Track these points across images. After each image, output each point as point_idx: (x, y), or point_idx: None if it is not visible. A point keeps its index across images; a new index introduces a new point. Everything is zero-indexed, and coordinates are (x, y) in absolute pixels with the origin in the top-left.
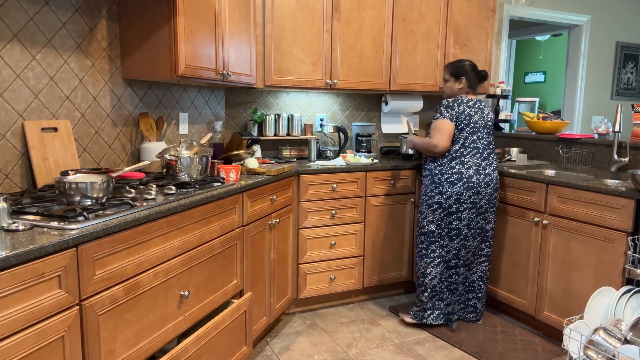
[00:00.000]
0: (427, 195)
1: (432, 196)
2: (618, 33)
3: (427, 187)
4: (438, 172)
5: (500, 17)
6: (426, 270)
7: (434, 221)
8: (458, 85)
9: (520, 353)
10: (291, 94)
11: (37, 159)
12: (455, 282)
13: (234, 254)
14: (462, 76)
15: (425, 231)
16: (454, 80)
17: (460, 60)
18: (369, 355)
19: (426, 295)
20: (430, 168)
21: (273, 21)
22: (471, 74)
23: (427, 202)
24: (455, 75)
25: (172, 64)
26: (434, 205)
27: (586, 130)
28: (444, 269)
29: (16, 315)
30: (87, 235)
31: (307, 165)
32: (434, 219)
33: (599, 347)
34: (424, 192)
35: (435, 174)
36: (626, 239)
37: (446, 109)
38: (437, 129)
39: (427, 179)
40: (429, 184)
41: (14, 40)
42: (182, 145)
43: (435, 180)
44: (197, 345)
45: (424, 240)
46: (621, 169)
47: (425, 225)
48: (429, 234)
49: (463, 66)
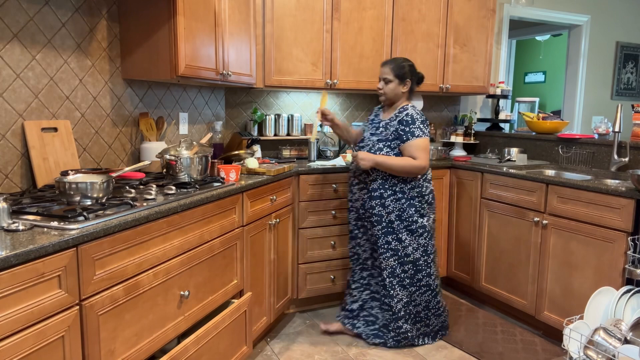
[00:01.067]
0: (407, 221)
1: (416, 220)
2: (618, 33)
3: (404, 211)
4: (417, 194)
5: (500, 17)
6: (411, 298)
7: (419, 247)
8: (403, 88)
9: (520, 353)
10: (291, 94)
11: (37, 159)
12: (443, 305)
13: (234, 254)
14: (407, 79)
15: (411, 259)
16: (399, 83)
17: (403, 60)
18: (369, 355)
19: (409, 326)
20: (403, 190)
21: (273, 21)
22: (414, 77)
23: (409, 229)
24: (401, 77)
25: (172, 64)
26: (419, 230)
27: (586, 130)
28: (431, 297)
29: (16, 315)
30: (87, 235)
31: (307, 165)
32: (420, 244)
33: (599, 347)
34: (398, 218)
35: (414, 196)
36: (626, 239)
37: (424, 124)
38: (421, 149)
39: (399, 203)
40: (407, 208)
41: (14, 40)
42: (182, 145)
43: (414, 203)
44: (197, 345)
45: (407, 269)
46: (621, 169)
47: (410, 253)
48: (415, 262)
49: (408, 67)
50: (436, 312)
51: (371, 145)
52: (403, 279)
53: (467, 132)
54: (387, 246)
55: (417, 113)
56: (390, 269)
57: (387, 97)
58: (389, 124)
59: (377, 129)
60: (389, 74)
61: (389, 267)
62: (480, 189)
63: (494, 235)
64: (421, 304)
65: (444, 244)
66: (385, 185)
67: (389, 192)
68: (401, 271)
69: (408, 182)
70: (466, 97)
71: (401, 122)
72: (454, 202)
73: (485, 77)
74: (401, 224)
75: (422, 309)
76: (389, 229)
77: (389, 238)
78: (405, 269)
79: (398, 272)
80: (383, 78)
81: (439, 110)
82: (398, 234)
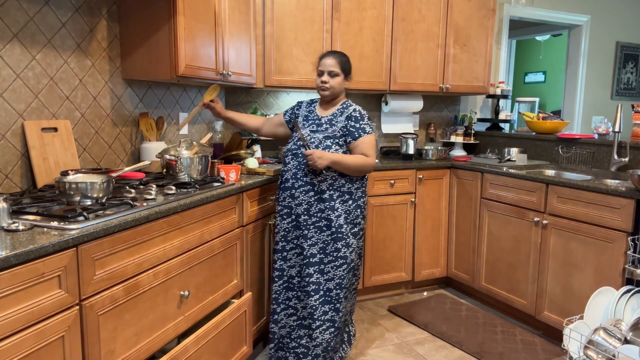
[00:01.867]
0: (353, 223)
1: (359, 222)
2: (618, 33)
3: (351, 213)
4: (362, 195)
5: (500, 17)
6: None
7: (358, 250)
8: (346, 83)
9: (520, 353)
10: (291, 94)
11: (37, 159)
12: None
13: (234, 254)
14: (349, 74)
15: (354, 266)
16: (344, 77)
17: (343, 53)
18: (369, 355)
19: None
20: (350, 191)
21: (273, 21)
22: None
23: (353, 231)
24: (346, 71)
25: (172, 64)
26: (359, 232)
27: (586, 130)
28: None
29: (16, 315)
30: (87, 235)
31: None
32: (359, 247)
33: (599, 347)
34: (345, 221)
35: (360, 196)
36: (626, 239)
37: (370, 120)
38: (372, 146)
39: (346, 204)
40: (353, 210)
41: (14, 40)
42: (182, 145)
43: (360, 204)
44: (197, 345)
45: (352, 277)
46: (621, 169)
47: (354, 259)
48: (356, 269)
49: (350, 62)
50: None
51: (317, 143)
52: (349, 290)
53: (467, 132)
54: (336, 254)
55: (363, 111)
56: (338, 279)
57: (331, 92)
58: (333, 120)
59: (319, 126)
60: (336, 66)
61: (337, 278)
62: (480, 189)
63: (494, 235)
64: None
65: (444, 243)
66: (335, 186)
67: (337, 194)
68: (347, 281)
69: (354, 182)
70: (466, 97)
71: (349, 117)
72: (454, 202)
73: (485, 77)
74: (348, 227)
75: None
76: (338, 234)
77: (338, 245)
78: (350, 277)
79: (345, 283)
80: (329, 71)
81: (439, 110)
82: (346, 238)
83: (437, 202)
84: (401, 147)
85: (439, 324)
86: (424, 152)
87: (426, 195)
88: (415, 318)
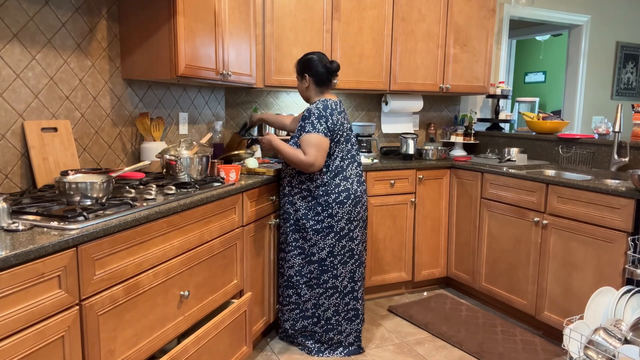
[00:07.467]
0: (314, 220)
1: (321, 220)
2: (618, 33)
3: (310, 210)
4: (323, 193)
5: (500, 17)
6: (319, 301)
7: (326, 247)
8: (304, 84)
9: (520, 353)
10: (291, 93)
11: (37, 159)
12: (354, 308)
13: (234, 254)
14: (305, 73)
15: (316, 259)
16: (300, 79)
17: (305, 54)
18: (369, 355)
19: (320, 331)
20: (309, 189)
21: (273, 21)
22: (318, 68)
23: (315, 228)
24: (300, 73)
25: (172, 63)
26: (324, 230)
27: (586, 130)
28: (339, 299)
29: (16, 315)
30: (87, 236)
31: None
32: (326, 245)
33: (599, 347)
34: (305, 217)
35: (320, 195)
36: (626, 239)
37: (319, 120)
38: (312, 145)
39: (305, 201)
40: (313, 207)
41: (14, 40)
42: (182, 145)
43: (321, 202)
44: (197, 345)
45: (314, 269)
46: (621, 169)
47: (315, 252)
48: (320, 263)
49: (307, 61)
50: (346, 316)
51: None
52: (310, 279)
53: (467, 132)
54: (295, 244)
55: (318, 108)
56: (297, 267)
57: (301, 96)
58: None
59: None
60: (294, 72)
61: (296, 265)
62: (480, 189)
63: (494, 235)
64: (330, 308)
65: (444, 243)
66: (293, 183)
67: (295, 190)
68: (307, 271)
69: (314, 181)
70: (466, 97)
71: (302, 117)
72: (454, 202)
73: (485, 77)
74: (307, 222)
75: (332, 314)
76: (296, 226)
77: (296, 235)
78: (311, 269)
79: (304, 271)
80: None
81: (439, 110)
82: (304, 232)
83: (437, 202)
84: (401, 147)
85: (439, 324)
86: (424, 152)
87: (426, 195)
88: (415, 318)
